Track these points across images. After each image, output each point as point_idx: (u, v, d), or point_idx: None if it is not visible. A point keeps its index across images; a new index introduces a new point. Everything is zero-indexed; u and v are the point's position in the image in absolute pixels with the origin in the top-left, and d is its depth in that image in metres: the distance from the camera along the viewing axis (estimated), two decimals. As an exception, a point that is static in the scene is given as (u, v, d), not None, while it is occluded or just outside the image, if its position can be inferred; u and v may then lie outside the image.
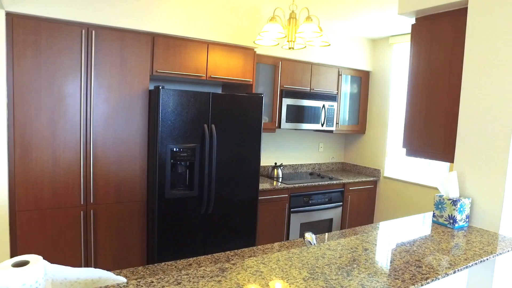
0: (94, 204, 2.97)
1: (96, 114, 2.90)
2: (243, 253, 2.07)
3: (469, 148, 2.06)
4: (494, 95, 1.94)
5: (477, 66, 2.01)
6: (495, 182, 1.94)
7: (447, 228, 1.97)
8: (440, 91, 2.22)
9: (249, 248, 2.14)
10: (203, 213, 3.18)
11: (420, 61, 2.31)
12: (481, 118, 1.99)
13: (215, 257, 1.99)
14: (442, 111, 2.21)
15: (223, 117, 3.17)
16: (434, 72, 2.24)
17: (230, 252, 2.07)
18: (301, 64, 4.10)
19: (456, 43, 2.13)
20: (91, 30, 2.82)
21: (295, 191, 3.94)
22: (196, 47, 3.26)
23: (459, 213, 1.96)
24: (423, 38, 2.30)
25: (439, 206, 2.04)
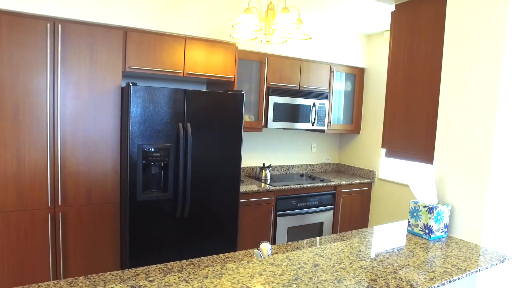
0: (63, 206, 2.84)
1: (64, 112, 2.77)
2: (200, 262, 1.91)
3: (449, 149, 1.85)
4: (475, 91, 1.74)
5: (457, 58, 1.81)
6: (476, 187, 1.74)
7: (422, 239, 1.77)
8: (421, 86, 2.02)
9: (208, 257, 1.98)
10: (178, 216, 3.03)
11: (400, 52, 2.11)
12: (461, 115, 1.79)
13: (168, 267, 1.83)
14: (423, 108, 2.01)
15: (200, 115, 3.01)
16: (415, 64, 2.04)
17: (186, 261, 1.91)
18: (290, 60, 3.91)
19: (436, 32, 1.93)
20: (57, 24, 2.68)
21: (281, 194, 3.76)
22: (173, 42, 3.10)
23: (435, 222, 1.76)
24: (403, 26, 2.10)
25: (414, 214, 1.84)
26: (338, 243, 1.58)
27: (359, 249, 1.52)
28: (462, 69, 1.78)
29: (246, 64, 3.69)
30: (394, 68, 2.13)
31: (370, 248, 1.56)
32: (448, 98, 1.85)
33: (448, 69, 1.85)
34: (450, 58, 1.84)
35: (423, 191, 1.83)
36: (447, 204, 1.84)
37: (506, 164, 1.74)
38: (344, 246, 1.57)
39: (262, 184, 3.78)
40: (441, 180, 1.89)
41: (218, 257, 1.98)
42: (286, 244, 2.17)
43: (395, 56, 2.13)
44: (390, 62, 2.15)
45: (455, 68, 1.81)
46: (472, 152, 1.75)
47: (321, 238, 2.32)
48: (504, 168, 1.74)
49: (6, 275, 2.73)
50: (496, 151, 1.68)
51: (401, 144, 2.12)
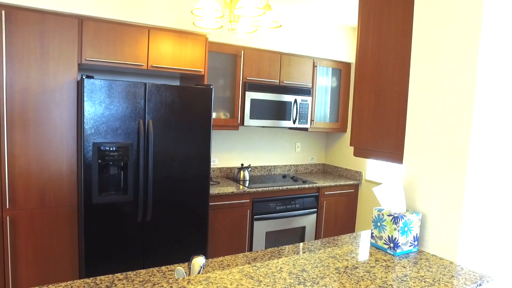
0: (12, 210, 2.62)
1: (11, 107, 2.55)
2: (136, 276, 1.67)
3: (420, 146, 1.60)
4: (450, 76, 1.49)
5: (427, 37, 1.56)
6: (452, 191, 1.49)
7: (386, 254, 1.51)
8: (390, 75, 1.77)
9: (146, 270, 1.74)
10: (140, 220, 2.79)
11: (369, 36, 1.87)
12: (434, 105, 1.54)
13: (97, 282, 1.60)
14: (393, 100, 1.76)
15: (163, 111, 2.77)
16: (384, 48, 1.79)
17: (119, 275, 1.67)
18: (268, 54, 3.67)
19: (406, 12, 1.68)
20: (1, 11, 2.46)
21: (259, 196, 3.51)
22: (135, 33, 2.87)
23: (402, 235, 1.50)
24: (372, 6, 1.85)
25: (377, 224, 1.59)
26: (279, 260, 1.34)
27: (303, 269, 1.28)
28: (433, 50, 1.53)
29: (220, 57, 3.46)
30: (362, 54, 1.89)
31: (316, 267, 1.31)
32: (418, 85, 1.60)
33: (417, 56, 1.60)
34: (420, 42, 1.59)
35: (389, 197, 1.57)
36: (417, 212, 1.59)
37: (487, 164, 1.49)
38: (285, 264, 1.32)
39: (240, 186, 3.54)
40: (410, 183, 1.64)
41: (160, 269, 1.75)
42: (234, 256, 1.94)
43: (363, 41, 1.88)
44: (358, 48, 1.91)
45: (425, 48, 1.56)
46: (446, 149, 1.50)
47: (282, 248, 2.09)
48: (485, 169, 1.48)
49: None
50: (475, 148, 1.43)
51: (370, 142, 1.87)
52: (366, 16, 1.87)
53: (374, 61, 1.84)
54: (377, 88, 1.83)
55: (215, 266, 1.82)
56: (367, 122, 1.89)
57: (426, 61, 1.57)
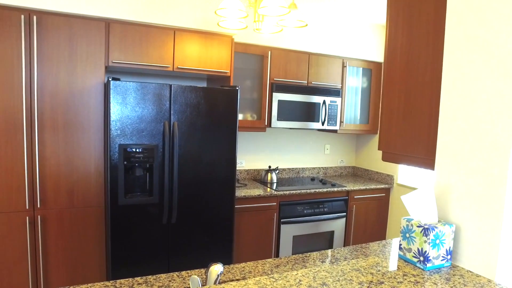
0: (43, 209, 2.68)
1: (41, 110, 2.60)
2: (156, 281, 1.65)
3: (454, 153, 1.49)
4: (490, 73, 1.37)
5: (461, 40, 1.45)
6: (491, 201, 1.37)
7: (415, 268, 1.41)
8: (421, 75, 1.66)
9: (167, 275, 1.72)
10: (165, 223, 2.79)
11: (398, 34, 1.76)
12: (470, 111, 1.43)
13: (117, 285, 1.59)
14: (424, 103, 1.65)
15: (188, 113, 2.76)
16: (414, 47, 1.68)
17: (139, 279, 1.66)
18: (296, 54, 3.59)
19: (439, 7, 1.57)
20: (32, 16, 2.52)
21: (286, 199, 3.44)
22: (161, 35, 2.87)
23: (432, 247, 1.40)
24: (401, 1, 1.74)
25: (406, 235, 1.48)
26: (298, 271, 1.27)
27: (323, 282, 1.20)
28: (469, 48, 1.42)
29: (246, 58, 3.41)
30: (391, 53, 1.78)
31: (338, 281, 1.23)
32: (452, 86, 1.48)
33: (451, 48, 1.48)
34: (454, 34, 1.47)
35: (419, 206, 1.47)
36: (451, 223, 1.47)
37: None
38: (304, 276, 1.25)
39: (267, 189, 3.48)
40: (443, 191, 1.53)
41: (180, 274, 1.72)
42: (257, 263, 1.89)
43: (392, 38, 1.78)
44: (387, 47, 1.80)
45: (460, 47, 1.45)
46: (485, 155, 1.38)
47: (307, 255, 2.02)
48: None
49: (-18, 281, 2.60)
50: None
51: (400, 146, 1.76)
52: (395, 12, 1.77)
53: (404, 60, 1.73)
54: (407, 90, 1.72)
55: (236, 273, 1.77)
56: (396, 125, 1.79)
57: (461, 61, 1.45)
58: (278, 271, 1.83)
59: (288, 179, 4.03)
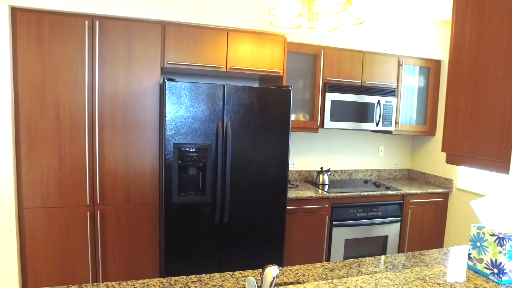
0: (102, 205, 2.80)
1: (101, 110, 2.72)
2: (209, 280, 1.66)
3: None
4: None
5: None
6: None
7: (488, 281, 1.30)
8: (493, 71, 1.54)
9: (220, 274, 1.72)
10: (217, 222, 2.81)
11: (466, 27, 1.65)
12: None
13: (171, 282, 1.62)
14: (496, 100, 1.53)
15: (241, 113, 2.77)
16: (486, 40, 1.56)
17: (193, 277, 1.68)
18: (350, 53, 3.50)
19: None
20: (95, 21, 2.64)
21: (338, 201, 3.36)
22: (214, 36, 2.91)
23: (509, 259, 1.28)
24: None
25: (477, 244, 1.38)
26: (359, 277, 1.21)
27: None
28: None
29: (299, 58, 3.37)
30: (457, 49, 1.67)
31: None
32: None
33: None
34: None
35: (492, 213, 1.36)
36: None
37: None
38: (365, 283, 1.19)
39: (318, 190, 3.42)
40: (518, 196, 1.40)
41: (233, 274, 1.72)
42: (311, 266, 1.84)
43: (459, 33, 1.66)
44: (453, 42, 1.69)
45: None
46: None
47: (363, 260, 1.94)
48: None
49: (49, 270, 2.76)
50: None
51: (467, 147, 1.65)
52: (463, 4, 1.65)
53: (473, 56, 1.62)
54: (475, 87, 1.61)
55: (289, 275, 1.75)
56: (463, 125, 1.67)
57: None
58: (333, 276, 1.78)
59: (340, 181, 3.94)
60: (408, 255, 1.98)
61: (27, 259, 2.71)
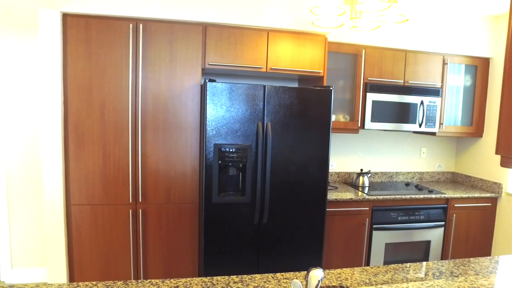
0: (143, 203, 2.86)
1: (144, 111, 2.79)
2: (251, 281, 1.66)
3: None
4: None
5: None
6: None
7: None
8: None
9: (261, 275, 1.72)
10: (256, 222, 2.81)
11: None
12: None
13: (213, 282, 1.63)
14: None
15: (281, 113, 2.75)
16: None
17: (235, 277, 1.68)
18: (392, 52, 3.40)
19: None
20: (139, 24, 2.70)
21: (379, 204, 3.28)
22: (254, 36, 2.91)
23: None
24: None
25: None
26: (409, 283, 1.17)
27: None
28: None
29: (339, 57, 3.32)
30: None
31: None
32: None
33: None
34: None
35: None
36: None
37: None
38: None
39: (358, 193, 3.36)
40: None
41: (274, 276, 1.71)
42: (353, 269, 1.80)
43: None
44: (510, 37, 1.60)
45: None
46: None
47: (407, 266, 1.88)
48: None
49: (94, 265, 2.85)
50: None
51: (524, 151, 1.55)
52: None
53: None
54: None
55: (332, 279, 1.72)
56: (520, 127, 1.58)
57: None
58: (377, 281, 1.73)
59: (380, 183, 3.84)
60: (456, 262, 1.90)
61: (74, 254, 2.81)
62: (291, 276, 1.71)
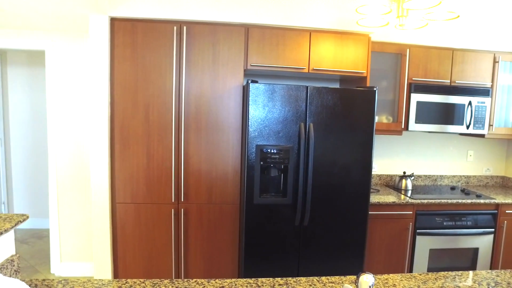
0: (185, 203, 2.91)
1: (187, 111, 2.83)
2: (296, 283, 1.64)
3: None
4: None
5: None
6: None
7: None
8: None
9: (307, 278, 1.70)
10: (297, 224, 2.79)
11: None
12: None
13: (258, 283, 1.63)
14: None
15: (324, 115, 2.72)
16: None
17: (280, 280, 1.67)
18: (438, 51, 3.28)
19: None
20: (183, 27, 2.75)
21: (423, 208, 3.17)
22: (296, 37, 2.89)
23: None
24: None
25: None
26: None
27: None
28: None
29: (383, 57, 3.24)
30: None
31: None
32: None
33: None
34: None
35: None
36: None
37: None
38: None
39: (401, 196, 3.26)
40: None
41: (320, 280, 1.68)
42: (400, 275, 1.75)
43: None
44: None
45: None
46: None
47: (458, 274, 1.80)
48: None
49: (136, 261, 2.93)
50: None
51: None
52: None
53: None
54: None
55: (379, 285, 1.67)
56: None
57: None
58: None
59: (424, 186, 3.72)
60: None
61: (118, 250, 2.90)
62: (336, 280, 1.68)
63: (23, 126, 4.74)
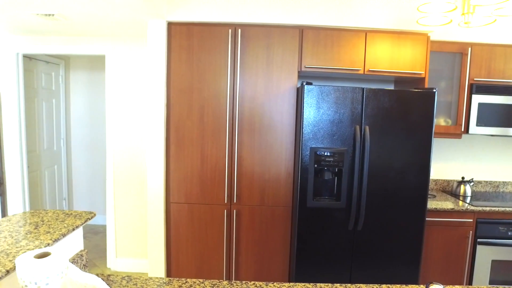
0: (237, 204, 2.93)
1: (241, 113, 2.85)
2: (357, 291, 1.60)
3: None
4: None
5: None
6: None
7: None
8: None
9: (367, 285, 1.65)
10: (351, 229, 2.73)
11: None
12: None
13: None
14: None
15: (380, 117, 2.64)
16: None
17: (339, 286, 1.63)
18: (503, 49, 3.10)
19: None
20: (238, 29, 2.77)
21: (485, 216, 3.00)
22: (352, 37, 2.83)
23: None
24: None
25: None
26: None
27: None
28: None
29: (441, 57, 3.10)
30: None
31: None
32: None
33: None
34: None
35: None
36: None
37: None
38: None
39: (459, 202, 3.11)
40: None
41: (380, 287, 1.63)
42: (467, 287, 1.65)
43: None
44: None
45: None
46: None
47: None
48: None
49: (189, 260, 2.98)
50: None
51: None
52: None
53: None
54: None
55: (448, 295, 1.59)
56: None
57: None
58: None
59: (484, 193, 3.52)
60: None
61: (171, 249, 2.97)
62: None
63: (82, 127, 4.98)
